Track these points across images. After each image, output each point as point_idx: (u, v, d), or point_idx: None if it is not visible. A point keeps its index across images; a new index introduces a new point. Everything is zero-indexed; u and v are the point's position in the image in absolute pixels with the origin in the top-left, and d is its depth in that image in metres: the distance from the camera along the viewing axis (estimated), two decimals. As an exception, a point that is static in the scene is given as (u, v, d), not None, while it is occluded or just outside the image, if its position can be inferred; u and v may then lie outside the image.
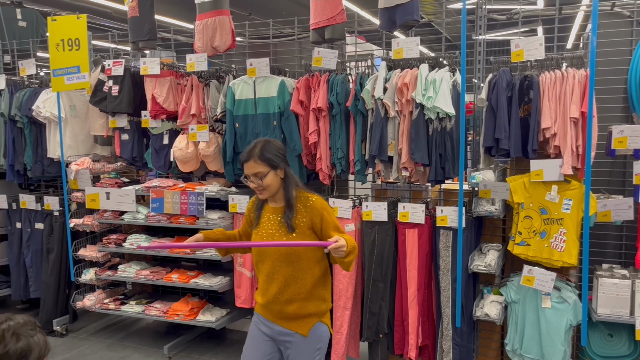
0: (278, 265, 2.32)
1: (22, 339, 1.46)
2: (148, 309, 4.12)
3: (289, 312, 2.34)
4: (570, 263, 2.98)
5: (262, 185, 2.27)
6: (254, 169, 2.26)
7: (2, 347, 1.43)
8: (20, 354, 1.45)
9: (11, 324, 1.47)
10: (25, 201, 4.52)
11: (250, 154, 2.27)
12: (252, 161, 2.26)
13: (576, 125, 2.88)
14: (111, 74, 4.05)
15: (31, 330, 1.49)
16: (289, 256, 2.30)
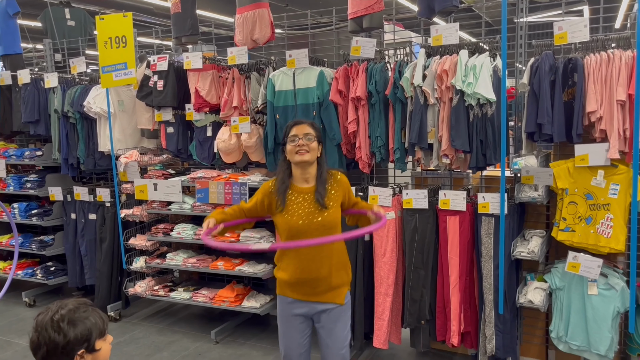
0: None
1: (79, 324, 1.52)
2: (195, 296, 4.27)
3: (327, 285, 2.43)
4: (617, 249, 2.92)
5: (309, 146, 2.36)
6: (306, 130, 2.38)
7: (62, 337, 1.49)
8: (81, 338, 1.51)
9: (63, 312, 1.52)
10: (79, 193, 4.75)
11: (303, 120, 2.47)
12: (306, 124, 2.41)
13: (623, 108, 2.81)
14: (156, 69, 4.19)
15: (84, 312, 1.54)
16: (328, 231, 2.39)
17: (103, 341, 1.57)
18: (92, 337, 1.53)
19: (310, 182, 2.44)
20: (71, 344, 1.50)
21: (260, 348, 4.09)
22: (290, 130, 2.41)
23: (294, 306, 2.49)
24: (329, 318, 2.47)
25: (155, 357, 3.99)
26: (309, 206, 2.40)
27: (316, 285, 2.43)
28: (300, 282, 2.44)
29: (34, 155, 4.97)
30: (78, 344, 1.51)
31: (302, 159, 2.37)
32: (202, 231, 2.42)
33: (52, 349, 1.50)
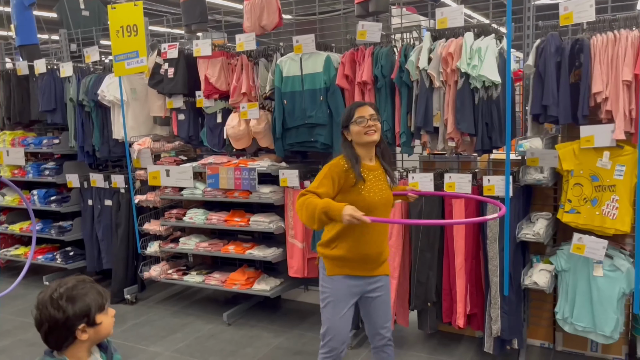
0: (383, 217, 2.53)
1: (78, 301, 1.58)
2: (208, 279, 4.37)
3: (382, 257, 2.59)
4: (623, 230, 2.91)
5: (377, 126, 2.46)
6: (370, 111, 2.46)
7: (62, 314, 1.55)
8: (80, 314, 1.58)
9: (62, 290, 1.58)
10: (95, 180, 4.87)
11: (364, 102, 2.65)
12: (368, 106, 2.49)
13: (629, 89, 2.79)
14: (167, 57, 4.26)
15: (82, 289, 1.61)
16: (389, 206, 2.59)
17: (104, 315, 1.64)
18: (91, 312, 1.60)
19: (373, 160, 2.55)
20: (71, 320, 1.57)
21: (272, 330, 4.18)
22: (354, 112, 2.46)
23: (352, 284, 2.54)
24: (384, 288, 2.62)
25: (169, 338, 4.10)
26: (380, 183, 2.52)
27: (376, 259, 2.55)
28: (363, 257, 2.50)
29: (51, 144, 5.10)
30: (78, 319, 1.58)
31: (372, 139, 2.46)
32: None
33: (53, 325, 1.57)
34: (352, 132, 2.47)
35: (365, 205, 2.37)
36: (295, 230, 3.98)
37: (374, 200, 2.45)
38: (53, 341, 1.61)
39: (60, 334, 1.59)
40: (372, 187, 2.47)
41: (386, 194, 2.53)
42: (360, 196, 2.43)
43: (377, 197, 2.46)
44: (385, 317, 2.66)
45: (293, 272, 4.04)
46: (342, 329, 2.56)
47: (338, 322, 2.55)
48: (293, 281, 4.33)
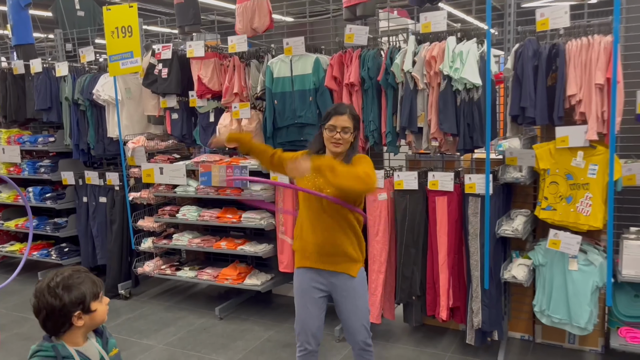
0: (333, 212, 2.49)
1: (74, 289, 1.69)
2: (200, 274, 4.49)
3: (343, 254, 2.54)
4: (595, 226, 3.05)
5: (344, 139, 2.49)
6: (345, 123, 2.48)
7: (59, 302, 1.67)
8: (76, 301, 1.69)
9: (58, 279, 1.70)
10: (90, 177, 4.97)
11: (345, 108, 2.53)
12: (346, 116, 2.49)
13: (601, 92, 2.93)
14: (161, 57, 4.37)
15: (78, 278, 1.72)
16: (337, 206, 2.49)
17: (98, 303, 1.76)
18: (86, 299, 1.71)
19: (338, 158, 2.52)
20: (67, 307, 1.68)
21: (262, 324, 4.30)
22: (331, 118, 2.50)
23: (312, 277, 2.58)
24: (350, 290, 2.57)
25: (162, 332, 4.22)
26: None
27: (331, 251, 2.53)
28: (319, 247, 2.53)
29: (47, 142, 5.19)
30: (73, 306, 1.69)
31: (336, 151, 2.51)
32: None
33: (50, 312, 1.68)
34: (324, 134, 2.54)
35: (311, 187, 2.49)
36: (285, 227, 4.11)
37: (309, 186, 2.50)
38: (51, 327, 1.72)
39: (57, 320, 1.70)
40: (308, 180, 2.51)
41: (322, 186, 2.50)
42: (302, 181, 2.54)
43: (310, 185, 2.51)
44: (357, 320, 2.61)
45: (283, 267, 4.17)
46: (308, 323, 2.60)
47: (303, 316, 2.61)
48: (283, 276, 4.46)
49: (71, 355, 1.72)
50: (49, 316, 1.69)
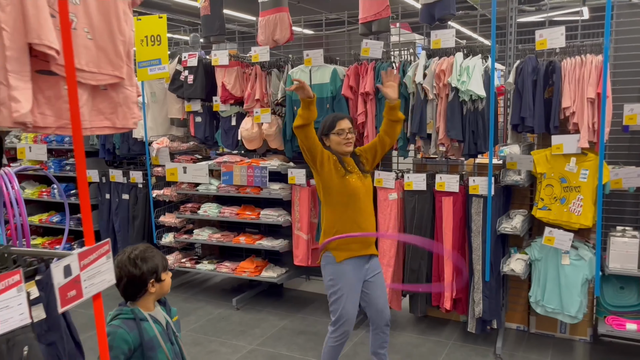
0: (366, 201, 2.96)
1: (149, 261, 2.03)
2: (219, 267, 4.81)
3: (372, 238, 3.00)
4: (586, 225, 3.41)
5: (353, 139, 2.93)
6: (349, 125, 2.93)
7: (138, 270, 2.01)
8: (151, 271, 2.03)
9: (137, 252, 2.03)
10: (114, 175, 5.28)
11: (343, 114, 3.08)
12: (347, 119, 2.95)
13: (592, 105, 3.30)
14: (187, 65, 4.70)
15: (151, 252, 2.06)
16: (370, 192, 3.01)
17: (166, 274, 2.10)
18: (158, 270, 2.06)
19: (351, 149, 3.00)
20: (145, 275, 2.02)
21: (276, 314, 4.62)
22: (336, 124, 2.89)
23: (357, 266, 2.90)
24: (378, 268, 3.01)
25: (184, 320, 4.52)
26: (359, 173, 2.96)
27: (369, 238, 2.95)
28: (359, 237, 2.89)
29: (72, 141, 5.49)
30: (149, 275, 2.03)
31: (349, 150, 2.94)
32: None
33: (131, 279, 2.02)
34: (332, 140, 2.91)
35: (351, 190, 2.88)
36: (301, 223, 4.44)
37: (357, 185, 2.89)
38: (130, 293, 2.06)
39: (135, 287, 2.04)
40: (352, 176, 2.90)
41: (367, 182, 2.97)
42: (345, 181, 2.87)
43: (359, 183, 2.91)
44: (384, 298, 3.01)
45: (298, 261, 4.50)
46: (353, 314, 2.91)
47: (350, 308, 2.88)
48: (296, 271, 4.79)
49: (145, 317, 2.05)
50: (129, 283, 2.03)
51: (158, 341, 2.03)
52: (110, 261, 1.25)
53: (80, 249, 1.18)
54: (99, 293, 1.22)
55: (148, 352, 1.98)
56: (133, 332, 1.98)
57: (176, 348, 2.13)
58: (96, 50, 1.21)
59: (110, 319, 2.04)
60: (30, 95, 1.06)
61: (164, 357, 2.04)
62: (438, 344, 3.97)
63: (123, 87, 1.32)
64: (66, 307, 1.13)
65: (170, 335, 2.13)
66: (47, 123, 1.15)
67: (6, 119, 1.02)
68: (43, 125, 1.14)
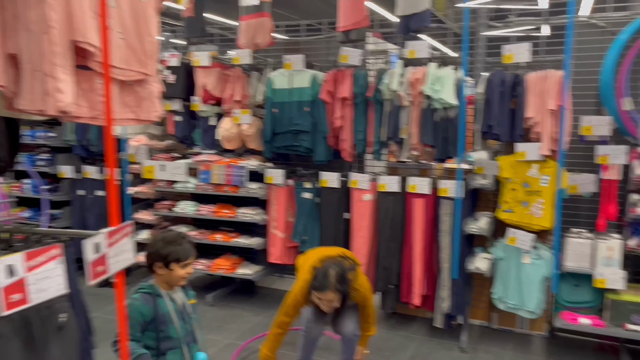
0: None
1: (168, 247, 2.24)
2: (194, 264, 4.88)
3: None
4: (545, 227, 3.69)
5: (332, 307, 2.92)
6: (330, 298, 2.86)
7: (154, 249, 2.23)
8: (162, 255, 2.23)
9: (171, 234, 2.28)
10: (89, 172, 5.29)
11: (326, 286, 2.82)
12: (331, 293, 2.84)
13: (553, 116, 3.58)
14: (168, 64, 4.78)
15: (176, 241, 2.26)
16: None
17: (178, 266, 2.24)
18: (168, 258, 2.20)
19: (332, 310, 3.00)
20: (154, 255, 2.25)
21: (250, 310, 4.74)
22: (315, 293, 2.87)
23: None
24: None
25: (158, 315, 4.58)
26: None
27: None
28: None
29: (47, 137, 5.47)
30: (158, 258, 2.23)
31: (329, 312, 2.99)
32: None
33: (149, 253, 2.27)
34: (313, 297, 2.93)
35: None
36: (277, 222, 4.58)
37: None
38: (147, 264, 2.27)
39: (149, 261, 2.27)
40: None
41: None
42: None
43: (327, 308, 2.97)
44: (352, 323, 3.19)
45: (274, 258, 4.63)
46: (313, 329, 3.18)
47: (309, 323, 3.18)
48: (270, 269, 4.92)
49: (161, 294, 2.20)
50: (148, 255, 2.24)
51: (170, 317, 2.19)
52: (131, 241, 1.37)
53: (108, 229, 1.30)
54: (122, 270, 1.35)
55: (160, 326, 2.14)
56: (149, 305, 2.14)
57: (188, 327, 2.29)
58: (126, 49, 1.34)
59: (132, 294, 2.19)
60: (73, 88, 1.18)
61: (174, 332, 2.20)
62: (407, 339, 4.18)
63: (148, 83, 1.45)
64: (95, 281, 1.25)
65: (184, 314, 2.28)
66: (82, 113, 1.27)
67: (51, 107, 1.15)
68: (78, 115, 1.26)
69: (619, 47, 3.59)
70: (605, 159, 3.50)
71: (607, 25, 3.84)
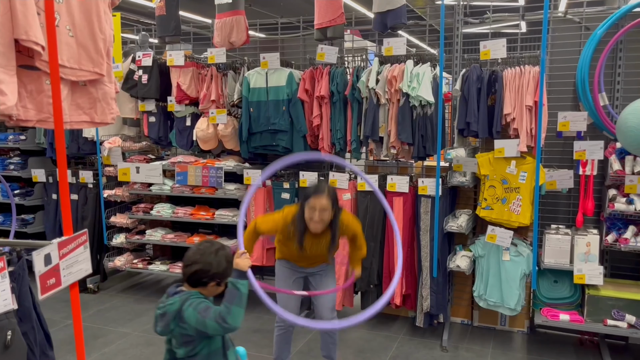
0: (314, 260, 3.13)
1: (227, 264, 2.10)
2: (172, 267, 4.79)
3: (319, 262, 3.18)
4: (524, 223, 3.68)
5: (324, 221, 2.85)
6: (324, 204, 2.80)
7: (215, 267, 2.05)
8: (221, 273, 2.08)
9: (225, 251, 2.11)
10: (62, 175, 5.15)
11: (324, 190, 2.82)
12: (325, 197, 2.80)
13: (530, 112, 3.57)
14: (141, 64, 4.67)
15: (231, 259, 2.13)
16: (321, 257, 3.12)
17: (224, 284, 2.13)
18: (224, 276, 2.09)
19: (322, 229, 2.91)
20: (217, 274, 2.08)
21: (230, 313, 4.65)
22: (310, 198, 2.81)
23: (293, 268, 3.17)
24: (324, 273, 3.21)
25: (136, 320, 4.48)
26: (317, 246, 3.00)
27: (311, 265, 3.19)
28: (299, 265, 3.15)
29: (17, 139, 5.32)
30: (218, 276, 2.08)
31: (315, 231, 2.89)
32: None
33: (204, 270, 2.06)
34: (305, 212, 2.86)
35: (295, 254, 3.04)
36: (256, 223, 4.50)
37: (305, 255, 3.03)
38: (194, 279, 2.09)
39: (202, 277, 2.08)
40: (307, 246, 2.98)
41: (319, 253, 3.03)
42: (295, 249, 2.98)
43: (307, 253, 3.02)
44: (329, 299, 3.20)
45: (253, 260, 4.52)
46: (288, 304, 3.11)
47: (285, 301, 3.13)
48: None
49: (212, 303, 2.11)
50: (201, 271, 2.06)
51: None
52: (87, 251, 1.29)
53: (60, 238, 1.22)
54: (77, 282, 1.27)
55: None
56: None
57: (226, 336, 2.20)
58: (77, 48, 1.26)
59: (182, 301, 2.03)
60: (16, 89, 1.10)
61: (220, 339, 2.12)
62: (388, 339, 4.14)
63: (102, 83, 1.37)
64: (46, 295, 1.17)
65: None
66: (29, 116, 1.19)
67: (-8, 111, 1.06)
68: (25, 118, 1.18)
69: (595, 43, 3.59)
70: (582, 154, 3.49)
71: (583, 21, 3.84)
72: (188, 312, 1.98)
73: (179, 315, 2.00)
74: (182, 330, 2.02)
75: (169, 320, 2.01)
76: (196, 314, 1.97)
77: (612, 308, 3.48)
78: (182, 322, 2.00)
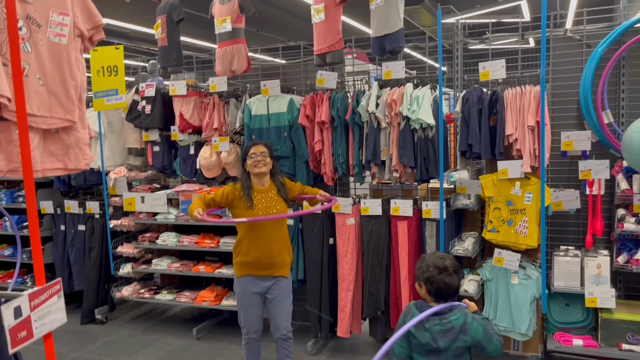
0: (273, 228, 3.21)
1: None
2: (179, 297, 4.77)
3: (279, 261, 3.24)
4: (531, 245, 3.59)
5: (265, 161, 3.18)
6: (262, 150, 3.21)
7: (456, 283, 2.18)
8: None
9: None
10: (70, 206, 5.19)
11: (260, 142, 3.34)
12: (261, 145, 3.25)
13: (533, 132, 3.51)
14: (144, 95, 4.72)
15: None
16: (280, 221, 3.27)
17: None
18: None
19: (266, 184, 3.26)
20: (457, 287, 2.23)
21: (237, 342, 4.57)
22: (249, 150, 3.21)
23: (253, 284, 3.24)
24: (279, 288, 3.27)
25: (142, 352, 4.45)
26: (269, 201, 3.23)
27: (272, 262, 3.22)
28: (259, 260, 3.20)
29: (26, 172, 5.38)
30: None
31: (260, 171, 3.20)
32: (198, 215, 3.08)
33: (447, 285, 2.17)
34: (247, 164, 3.21)
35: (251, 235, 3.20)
36: (260, 251, 4.47)
37: (257, 215, 3.17)
38: (441, 295, 2.19)
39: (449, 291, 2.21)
40: (258, 207, 3.18)
41: (275, 209, 3.22)
42: (248, 212, 3.16)
43: (260, 213, 3.18)
44: (282, 316, 3.28)
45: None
46: (253, 322, 3.29)
47: (247, 317, 3.28)
48: (257, 298, 4.78)
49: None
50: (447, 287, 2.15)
51: None
52: (61, 300, 1.27)
53: (31, 290, 1.20)
54: (50, 333, 1.24)
55: None
56: None
57: None
58: (48, 96, 1.26)
59: (464, 315, 2.10)
60: (-18, 141, 1.09)
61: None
62: (397, 366, 4.04)
63: (75, 129, 1.36)
64: (17, 348, 1.15)
65: None
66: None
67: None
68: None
69: (597, 60, 3.53)
70: (588, 174, 3.41)
71: (584, 38, 3.80)
72: (474, 325, 2.08)
73: (464, 329, 2.07)
74: (461, 344, 2.08)
75: (455, 334, 2.07)
76: (482, 329, 2.08)
77: (626, 332, 3.36)
78: (464, 335, 2.07)
